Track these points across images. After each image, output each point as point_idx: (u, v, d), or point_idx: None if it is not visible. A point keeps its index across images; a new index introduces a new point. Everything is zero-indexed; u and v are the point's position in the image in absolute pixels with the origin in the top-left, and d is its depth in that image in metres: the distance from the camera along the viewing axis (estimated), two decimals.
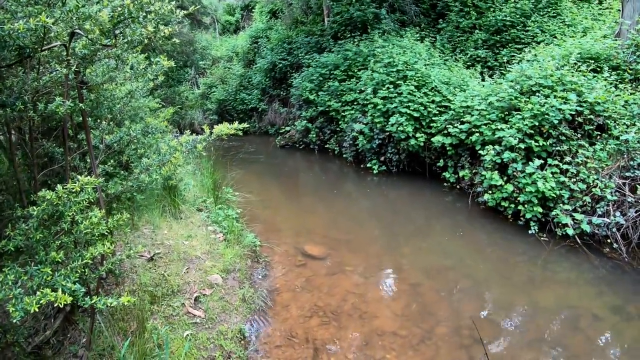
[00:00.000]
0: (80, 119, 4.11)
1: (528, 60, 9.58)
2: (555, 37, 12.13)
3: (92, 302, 2.54)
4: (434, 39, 13.66)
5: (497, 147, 7.87)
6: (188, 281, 5.57)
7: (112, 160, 4.60)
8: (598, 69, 8.94)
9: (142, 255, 5.92)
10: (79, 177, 2.76)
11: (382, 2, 15.29)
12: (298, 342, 4.99)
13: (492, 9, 13.77)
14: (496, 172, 7.75)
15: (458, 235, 7.72)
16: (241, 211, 8.25)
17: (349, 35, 14.27)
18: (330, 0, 15.52)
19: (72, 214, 2.89)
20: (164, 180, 7.06)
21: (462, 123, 8.97)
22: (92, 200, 3.17)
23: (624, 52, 8.92)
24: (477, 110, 8.76)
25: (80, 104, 3.25)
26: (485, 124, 8.38)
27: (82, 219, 2.93)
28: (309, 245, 7.18)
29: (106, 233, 3.20)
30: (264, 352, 4.82)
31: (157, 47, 10.94)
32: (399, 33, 13.79)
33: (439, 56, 12.24)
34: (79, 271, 2.68)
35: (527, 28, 12.99)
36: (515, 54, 12.46)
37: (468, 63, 12.72)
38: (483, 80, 11.09)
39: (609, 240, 6.87)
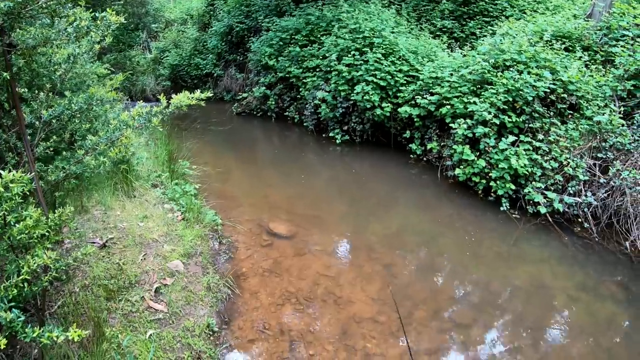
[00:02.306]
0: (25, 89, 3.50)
1: (502, 34, 9.28)
2: (525, 13, 11.90)
3: (35, 335, 2.05)
4: (399, 7, 13.12)
5: (468, 120, 7.58)
6: (146, 270, 5.08)
7: (53, 138, 3.99)
8: (570, 48, 8.78)
9: (94, 242, 5.38)
10: (1, 172, 2.22)
11: None
12: (272, 334, 4.63)
13: None
14: (467, 146, 7.48)
15: (427, 211, 7.48)
16: (199, 186, 7.73)
17: None
18: None
19: (3, 214, 2.34)
20: (118, 152, 6.46)
21: (432, 94, 8.63)
22: (28, 192, 2.63)
23: (596, 34, 8.76)
24: (447, 82, 8.43)
25: (5, 73, 2.68)
26: (457, 97, 8.07)
27: (15, 220, 2.39)
28: (273, 222, 6.75)
29: (47, 233, 2.66)
30: (237, 349, 4.44)
31: (104, 7, 10.05)
32: None
33: (406, 25, 11.76)
34: (17, 288, 2.16)
35: (496, 1, 12.71)
36: (482, 27, 12.23)
37: (434, 33, 12.31)
38: (450, 51, 10.76)
39: (579, 220, 6.77)
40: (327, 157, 9.85)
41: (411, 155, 9.06)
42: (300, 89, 11.52)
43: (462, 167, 7.55)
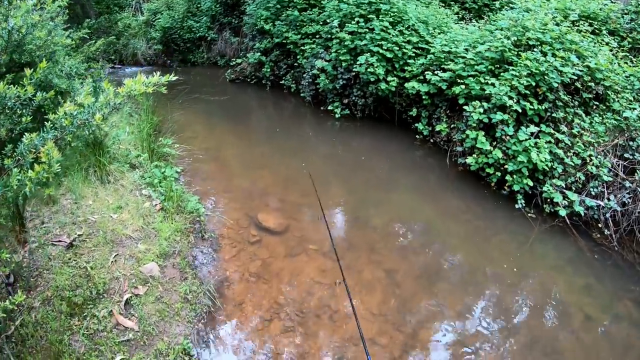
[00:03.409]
0: None
1: (522, 9, 8.42)
2: None
3: None
4: None
5: (485, 103, 6.81)
6: (117, 276, 4.42)
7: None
8: (597, 32, 7.98)
9: (60, 241, 4.70)
10: None
11: None
12: None
13: None
14: (482, 132, 6.74)
15: (431, 199, 6.83)
16: (184, 168, 7.01)
17: None
18: None
19: None
20: (88, 135, 5.74)
21: (444, 70, 7.82)
22: None
23: (622, 17, 7.96)
24: (462, 58, 7.62)
25: None
26: (472, 76, 7.27)
27: None
28: (263, 213, 6.06)
29: None
30: None
31: None
32: None
33: None
34: None
35: None
36: None
37: (444, 2, 11.37)
38: (463, 23, 9.91)
39: (599, 225, 6.11)
40: (325, 132, 9.08)
41: (417, 136, 8.32)
42: (298, 57, 10.66)
43: (474, 155, 6.81)
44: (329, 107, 9.67)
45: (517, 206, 6.38)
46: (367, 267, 5.20)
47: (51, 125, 2.75)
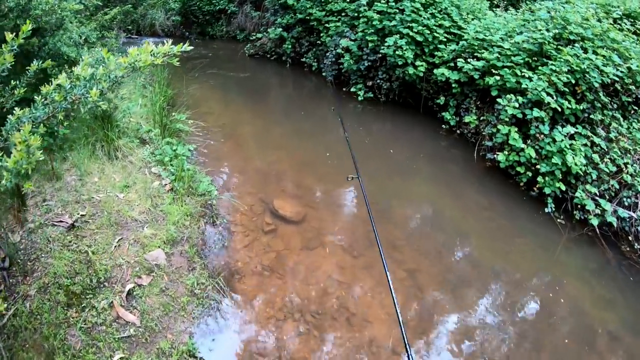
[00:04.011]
0: None
1: (565, 1, 7.89)
2: None
3: None
4: None
5: (520, 98, 6.36)
6: (120, 263, 4.10)
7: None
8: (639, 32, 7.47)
9: (61, 222, 4.37)
10: None
11: None
12: None
13: None
14: (515, 129, 6.30)
15: (453, 193, 6.46)
16: (196, 147, 6.64)
17: None
18: None
19: None
20: (95, 108, 5.36)
21: (477, 59, 7.34)
22: None
23: None
24: (498, 47, 7.14)
25: None
26: (508, 67, 6.79)
27: None
28: (279, 199, 5.69)
29: None
30: None
31: None
32: None
33: None
34: None
35: None
36: None
37: None
38: (495, 9, 9.41)
39: (629, 238, 5.69)
40: (347, 115, 8.64)
41: (443, 125, 7.86)
42: (322, 34, 10.19)
43: (505, 151, 6.38)
44: (352, 89, 9.23)
45: (546, 210, 5.96)
46: (389, 265, 4.84)
47: (42, 99, 2.37)
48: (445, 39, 8.12)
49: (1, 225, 3.99)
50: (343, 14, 9.81)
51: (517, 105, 6.30)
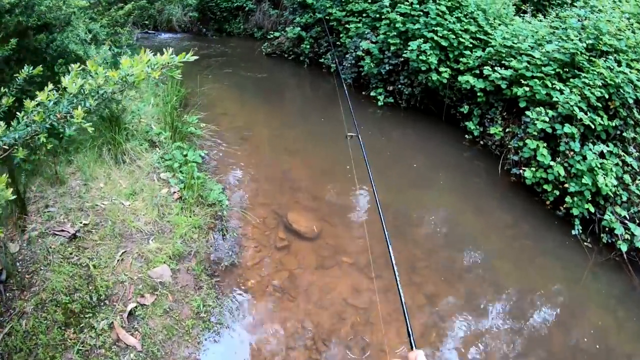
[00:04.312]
0: None
1: (587, 7, 7.51)
2: None
3: None
4: None
5: (550, 111, 6.02)
6: (122, 279, 3.85)
7: None
8: None
9: (63, 231, 4.13)
10: None
11: None
12: None
13: None
14: (544, 144, 5.96)
15: (475, 208, 6.14)
16: (207, 152, 6.36)
17: None
18: None
19: None
20: (103, 109, 5.13)
21: (504, 67, 6.97)
22: None
23: None
24: (526, 55, 6.77)
25: None
26: (538, 78, 6.43)
27: None
28: (293, 212, 5.40)
29: None
30: None
31: None
32: None
33: None
34: None
35: None
36: None
37: None
38: (522, 14, 9.05)
39: None
40: (365, 120, 8.29)
41: (466, 135, 7.51)
42: (341, 35, 9.81)
43: (532, 167, 6.04)
44: (372, 93, 8.87)
45: (573, 232, 5.61)
46: (407, 289, 4.53)
47: (24, 117, 2.10)
48: (470, 45, 7.76)
49: None
50: (364, 15, 9.45)
51: (546, 119, 5.96)
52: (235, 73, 10.40)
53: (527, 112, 6.22)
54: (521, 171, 6.23)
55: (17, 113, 2.25)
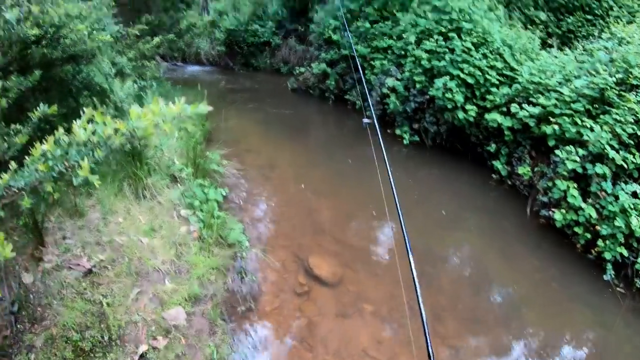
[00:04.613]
0: None
1: (614, 39, 7.36)
2: (635, 17, 9.96)
3: None
4: None
5: (580, 150, 5.82)
6: (135, 319, 3.74)
7: None
8: None
9: (78, 265, 4.05)
10: None
11: None
12: None
13: None
14: (573, 183, 5.75)
15: (503, 251, 5.90)
16: (228, 191, 6.26)
17: None
18: None
19: None
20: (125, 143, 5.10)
21: (532, 104, 6.81)
22: None
23: None
24: (555, 92, 6.59)
25: None
26: (567, 115, 6.25)
27: None
28: (315, 256, 5.24)
29: None
30: None
31: None
32: None
33: (502, 10, 9.79)
34: None
35: None
36: (583, 25, 10.42)
37: (525, 25, 10.25)
38: (547, 48, 8.92)
39: None
40: (391, 159, 8.13)
41: (493, 175, 7.32)
42: (367, 72, 9.81)
43: (562, 209, 5.81)
44: (397, 131, 8.77)
45: (604, 276, 5.35)
46: (432, 340, 4.31)
47: (31, 162, 2.04)
48: (497, 82, 7.63)
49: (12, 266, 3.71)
50: (389, 51, 9.44)
51: (577, 158, 5.77)
52: (261, 108, 10.44)
53: (557, 151, 6.03)
54: (550, 213, 6.00)
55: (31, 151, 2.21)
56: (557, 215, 5.77)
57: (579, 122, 6.03)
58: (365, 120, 4.18)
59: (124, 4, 9.71)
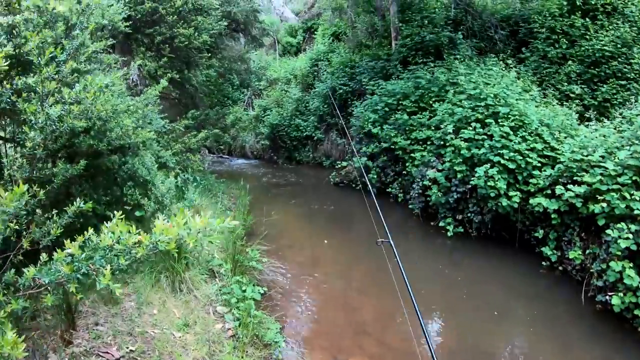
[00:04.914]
0: None
1: None
2: None
3: None
4: (517, 70, 11.13)
5: (632, 226, 5.52)
6: None
7: None
8: None
9: (107, 353, 3.98)
10: None
11: (458, 25, 13.17)
12: None
13: (586, 37, 11.30)
14: (630, 264, 5.40)
15: (562, 345, 5.42)
16: (266, 290, 6.10)
17: (420, 60, 12.05)
18: (399, 22, 13.52)
19: None
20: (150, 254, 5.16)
21: (578, 184, 6.59)
22: None
23: None
24: (598, 167, 6.39)
25: None
26: (614, 190, 6.01)
27: None
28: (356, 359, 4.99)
29: None
30: None
31: (196, 63, 9.19)
32: (479, 61, 11.56)
33: (535, 90, 9.86)
34: None
35: (631, 61, 10.65)
36: (618, 92, 10.25)
37: (560, 101, 10.29)
38: (585, 122, 8.81)
39: None
40: (435, 253, 7.87)
41: (543, 262, 6.97)
42: (407, 164, 9.82)
43: (619, 292, 5.42)
44: (441, 223, 8.54)
45: None
46: None
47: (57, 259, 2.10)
48: (539, 164, 7.47)
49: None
50: (428, 142, 9.46)
51: (629, 235, 5.45)
52: (303, 203, 10.50)
53: (607, 231, 5.73)
54: (607, 297, 5.60)
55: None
56: (615, 299, 5.38)
57: (627, 195, 5.79)
58: (380, 240, 4.02)
59: (173, 99, 10.33)
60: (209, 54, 9.75)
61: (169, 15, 8.27)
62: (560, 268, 6.81)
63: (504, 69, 10.36)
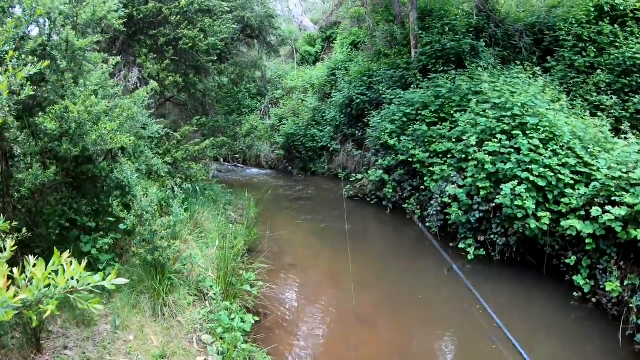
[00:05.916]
0: None
1: None
2: None
3: None
4: (544, 79, 10.27)
5: None
6: None
7: None
8: None
9: None
10: None
11: (480, 32, 12.57)
12: None
13: (615, 44, 10.68)
14: None
15: None
16: (259, 319, 5.46)
17: (440, 68, 11.45)
18: (419, 29, 12.90)
19: None
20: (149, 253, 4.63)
21: (617, 205, 5.85)
22: None
23: None
24: None
25: None
26: None
27: None
28: None
29: None
30: None
31: (204, 64, 8.66)
32: (503, 69, 10.91)
33: (564, 100, 9.10)
34: None
35: None
36: None
37: (588, 112, 9.47)
38: (617, 135, 8.06)
39: None
40: (455, 278, 7.10)
41: (574, 293, 6.23)
42: (425, 178, 9.08)
43: None
44: (460, 245, 7.81)
45: None
46: None
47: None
48: (572, 181, 6.72)
49: None
50: (449, 156, 8.73)
51: None
52: (314, 217, 9.93)
53: None
54: None
55: None
56: None
57: None
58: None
59: (182, 104, 9.93)
60: (219, 60, 9.29)
61: (173, 16, 7.79)
62: (594, 300, 6.07)
63: (530, 77, 9.66)
